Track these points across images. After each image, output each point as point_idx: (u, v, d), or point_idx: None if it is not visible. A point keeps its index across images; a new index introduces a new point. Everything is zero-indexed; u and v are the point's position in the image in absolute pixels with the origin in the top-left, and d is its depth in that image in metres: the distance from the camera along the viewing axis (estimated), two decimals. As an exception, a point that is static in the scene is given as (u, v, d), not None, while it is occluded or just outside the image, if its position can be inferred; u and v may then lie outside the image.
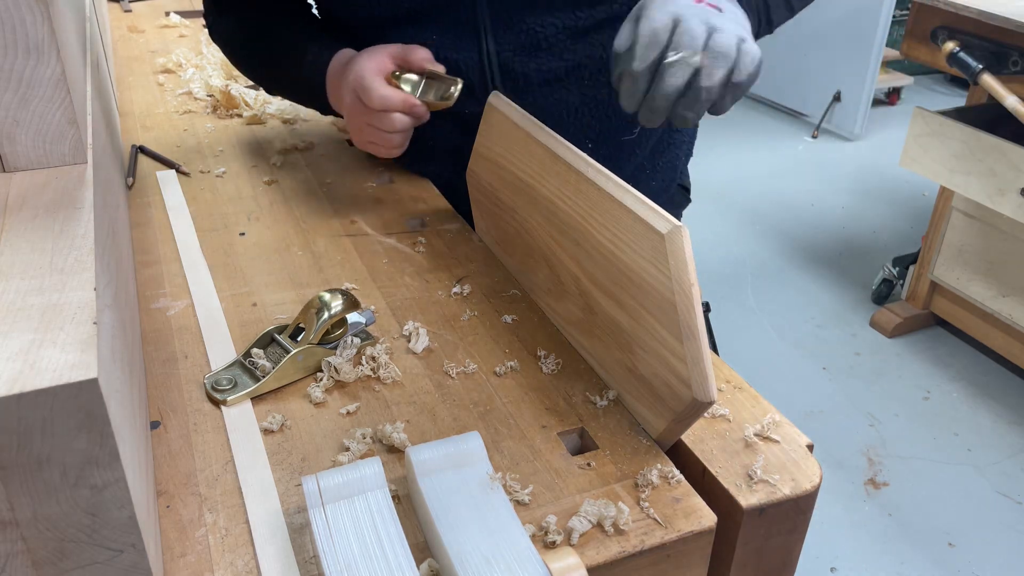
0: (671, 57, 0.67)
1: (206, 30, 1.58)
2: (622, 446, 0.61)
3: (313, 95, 0.96)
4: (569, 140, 0.92)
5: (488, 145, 0.82)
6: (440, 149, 0.99)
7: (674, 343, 0.57)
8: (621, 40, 0.70)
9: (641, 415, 0.63)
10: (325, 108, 0.98)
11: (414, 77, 0.87)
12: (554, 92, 0.93)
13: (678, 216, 1.20)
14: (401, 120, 0.85)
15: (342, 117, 0.97)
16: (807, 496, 0.58)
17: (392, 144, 0.88)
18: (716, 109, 0.71)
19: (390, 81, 0.85)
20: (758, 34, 0.83)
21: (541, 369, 0.69)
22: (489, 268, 0.84)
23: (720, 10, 0.70)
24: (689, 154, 1.14)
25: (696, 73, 0.67)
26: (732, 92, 0.69)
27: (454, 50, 0.90)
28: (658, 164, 1.06)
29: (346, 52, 0.93)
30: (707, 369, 0.56)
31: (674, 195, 1.16)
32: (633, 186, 0.61)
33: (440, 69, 0.86)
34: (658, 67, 0.68)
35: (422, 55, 0.86)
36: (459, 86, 0.86)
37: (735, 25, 0.69)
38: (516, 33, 0.89)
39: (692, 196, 1.21)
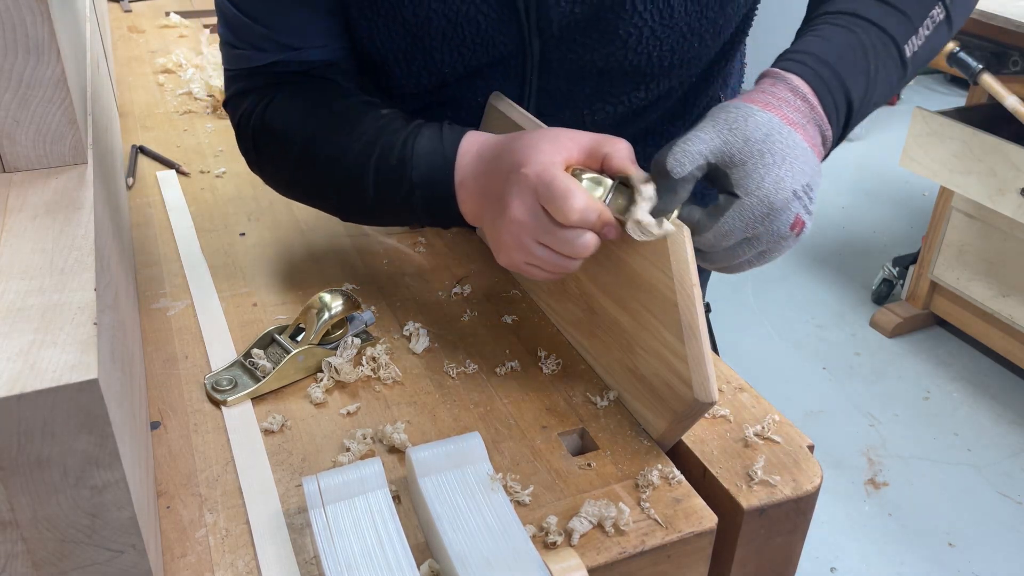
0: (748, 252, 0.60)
1: (206, 31, 1.58)
2: (622, 446, 0.61)
3: (430, 201, 0.68)
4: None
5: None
6: None
7: (675, 343, 0.57)
8: (682, 161, 0.58)
9: (642, 415, 0.63)
10: (447, 219, 0.69)
11: (605, 180, 0.60)
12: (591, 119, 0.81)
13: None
14: (594, 243, 0.59)
15: (470, 227, 0.71)
16: (808, 496, 0.58)
17: (567, 271, 0.62)
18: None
19: None
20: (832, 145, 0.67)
21: (541, 369, 0.69)
22: (489, 268, 0.84)
23: (804, 229, 0.60)
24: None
25: (761, 254, 0.61)
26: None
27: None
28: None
29: (477, 136, 0.67)
30: (708, 369, 0.56)
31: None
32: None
33: (640, 175, 0.59)
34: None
35: (625, 153, 0.60)
36: (652, 208, 0.59)
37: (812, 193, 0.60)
38: (560, 109, 0.79)
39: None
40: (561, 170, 0.59)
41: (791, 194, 0.58)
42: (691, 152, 0.58)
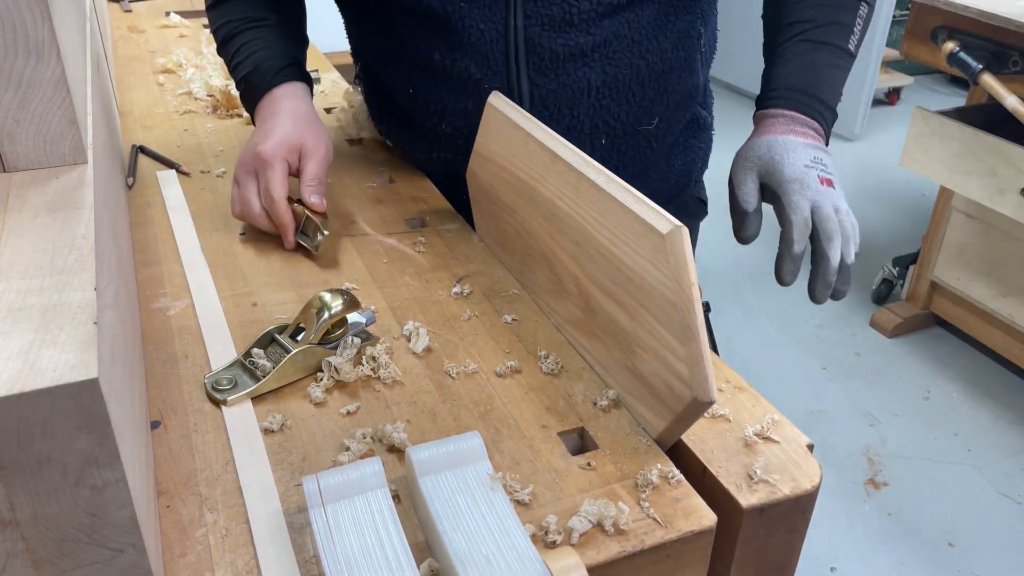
0: (828, 246, 0.77)
1: (206, 31, 1.58)
2: (622, 446, 0.61)
3: (245, 92, 0.96)
4: (585, 123, 0.90)
5: (488, 145, 0.82)
6: (446, 135, 0.98)
7: (674, 343, 0.57)
8: (749, 200, 0.81)
9: (641, 415, 0.63)
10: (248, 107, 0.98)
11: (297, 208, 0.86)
12: (577, 69, 0.91)
13: (695, 228, 1.18)
14: (269, 223, 0.87)
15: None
16: (807, 496, 0.58)
17: (262, 227, 0.88)
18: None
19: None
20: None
21: (541, 369, 0.69)
22: (489, 268, 0.84)
23: (832, 185, 0.79)
24: (704, 165, 1.12)
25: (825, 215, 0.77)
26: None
27: (479, 20, 0.87)
28: (673, 165, 1.05)
29: (288, 92, 0.93)
30: (707, 369, 0.56)
31: (688, 203, 1.14)
32: (645, 182, 0.62)
33: (319, 210, 0.86)
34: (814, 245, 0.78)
35: (312, 187, 0.87)
36: (322, 238, 0.84)
37: (844, 202, 0.79)
38: (547, 6, 0.87)
39: None
40: (280, 166, 0.86)
41: (804, 166, 0.79)
42: (749, 190, 0.81)
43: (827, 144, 0.86)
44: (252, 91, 0.94)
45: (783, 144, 0.80)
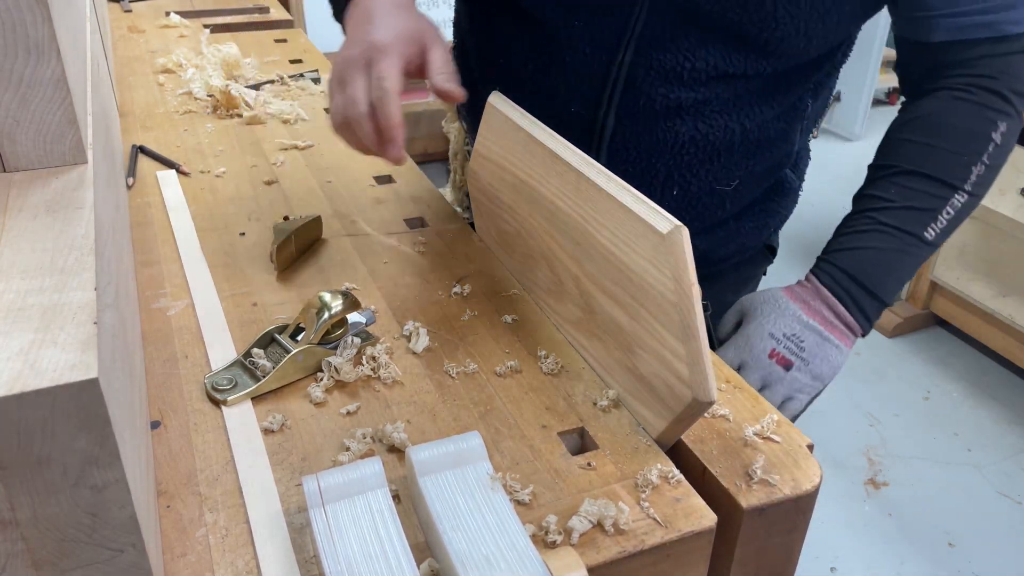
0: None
1: (206, 31, 1.58)
2: (622, 446, 0.61)
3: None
4: (660, 172, 0.90)
5: (488, 145, 0.82)
6: None
7: (674, 343, 0.57)
8: (722, 334, 0.87)
9: (641, 415, 0.63)
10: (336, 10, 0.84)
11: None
12: (668, 121, 0.86)
13: (757, 275, 1.12)
14: (373, 132, 0.71)
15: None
16: (807, 496, 0.58)
17: (365, 139, 0.72)
18: None
19: None
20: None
21: (541, 369, 0.69)
22: (489, 268, 0.84)
23: (791, 367, 0.81)
24: (782, 223, 1.05)
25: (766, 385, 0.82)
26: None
27: (589, 43, 0.83)
28: (744, 227, 0.98)
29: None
30: (707, 369, 0.56)
31: (754, 256, 1.07)
32: (711, 238, 0.61)
33: (460, 99, 0.73)
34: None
35: (445, 75, 0.72)
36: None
37: (801, 388, 0.82)
38: (661, 52, 0.82)
39: None
40: (397, 56, 0.70)
41: (767, 333, 0.81)
42: (726, 330, 0.87)
43: (865, 333, 0.83)
44: None
45: (775, 306, 0.82)
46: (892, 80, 4.36)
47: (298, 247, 0.84)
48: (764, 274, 1.14)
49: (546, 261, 0.74)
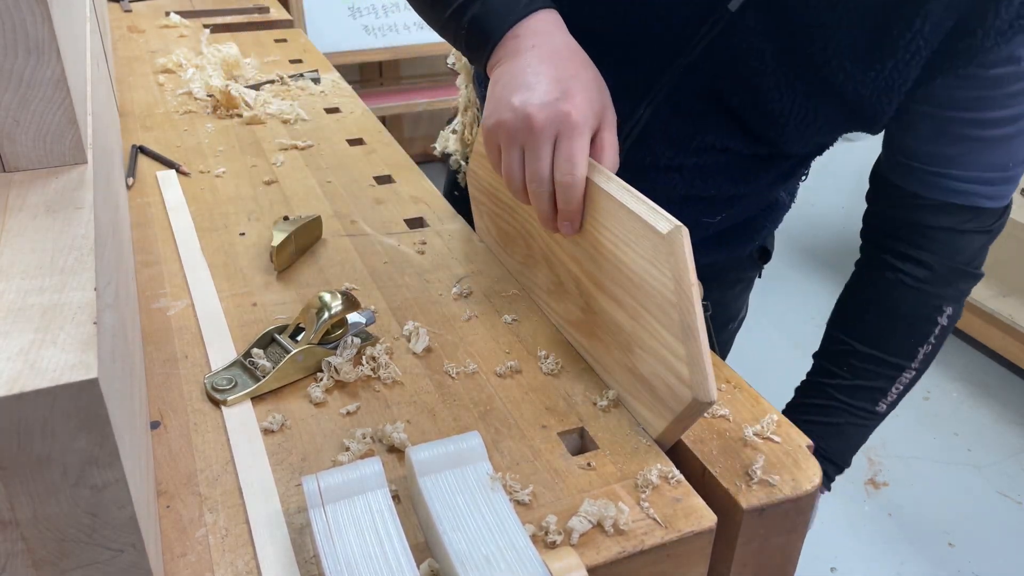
0: None
1: (206, 31, 1.58)
2: (622, 446, 0.61)
3: (476, 26, 0.70)
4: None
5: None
6: None
7: (674, 343, 0.57)
8: None
9: (641, 415, 0.63)
10: (478, 47, 0.71)
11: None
12: (668, 174, 0.87)
13: (747, 278, 1.13)
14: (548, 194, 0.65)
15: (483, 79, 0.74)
16: (807, 496, 0.58)
17: (518, 192, 0.67)
18: None
19: None
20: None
21: (541, 369, 0.69)
22: (489, 268, 0.84)
23: None
24: (775, 227, 1.05)
25: None
26: None
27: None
28: (731, 241, 0.99)
29: (551, 21, 0.69)
30: (707, 369, 0.56)
31: (743, 261, 1.07)
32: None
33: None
34: None
35: (613, 158, 0.67)
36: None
37: None
38: (680, 115, 0.82)
39: None
40: (587, 139, 0.64)
41: None
42: None
43: (825, 490, 0.91)
44: (493, 21, 0.69)
45: None
46: (892, 80, 4.35)
47: (298, 247, 0.85)
48: (759, 276, 1.14)
49: (546, 262, 0.74)
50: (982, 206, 0.79)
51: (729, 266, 1.05)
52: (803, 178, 0.99)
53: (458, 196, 1.13)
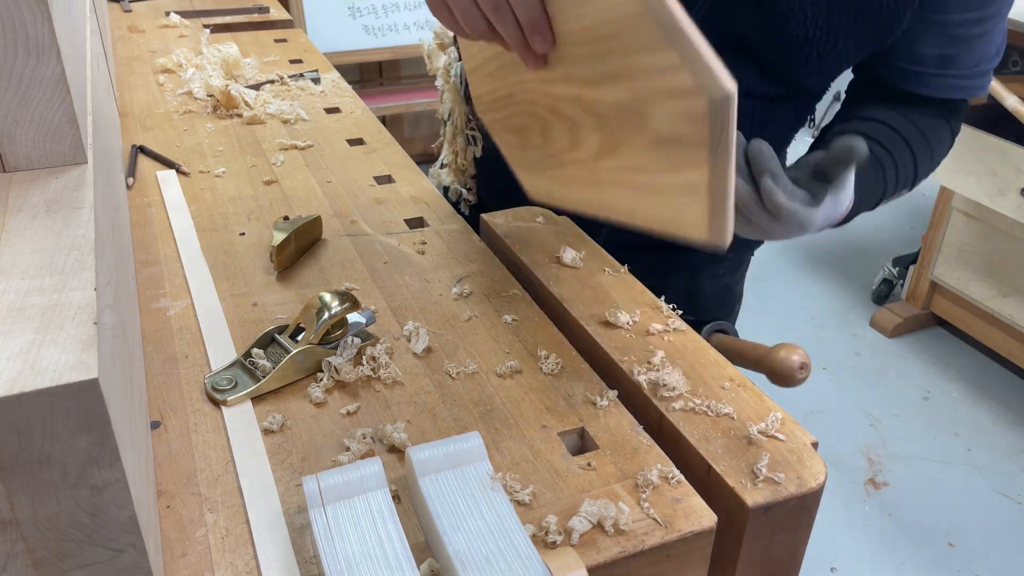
0: None
1: (206, 31, 1.58)
2: (622, 446, 0.61)
3: None
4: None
5: (471, 53, 0.80)
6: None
7: (663, 58, 0.51)
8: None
9: (683, 220, 0.56)
10: None
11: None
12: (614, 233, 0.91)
13: (749, 258, 1.19)
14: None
15: None
16: (812, 494, 0.58)
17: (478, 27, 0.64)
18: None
19: None
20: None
21: (541, 369, 0.69)
22: (489, 268, 0.84)
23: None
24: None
25: None
26: None
27: None
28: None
29: None
30: (709, 61, 0.49)
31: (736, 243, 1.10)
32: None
33: None
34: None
35: None
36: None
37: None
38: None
39: None
40: None
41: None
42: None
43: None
44: None
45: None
46: (892, 80, 4.35)
47: (298, 247, 0.84)
48: (751, 254, 1.19)
49: (554, 115, 0.69)
50: (977, 95, 0.89)
51: (737, 243, 1.06)
52: (812, 133, 1.04)
53: (456, 203, 1.14)
